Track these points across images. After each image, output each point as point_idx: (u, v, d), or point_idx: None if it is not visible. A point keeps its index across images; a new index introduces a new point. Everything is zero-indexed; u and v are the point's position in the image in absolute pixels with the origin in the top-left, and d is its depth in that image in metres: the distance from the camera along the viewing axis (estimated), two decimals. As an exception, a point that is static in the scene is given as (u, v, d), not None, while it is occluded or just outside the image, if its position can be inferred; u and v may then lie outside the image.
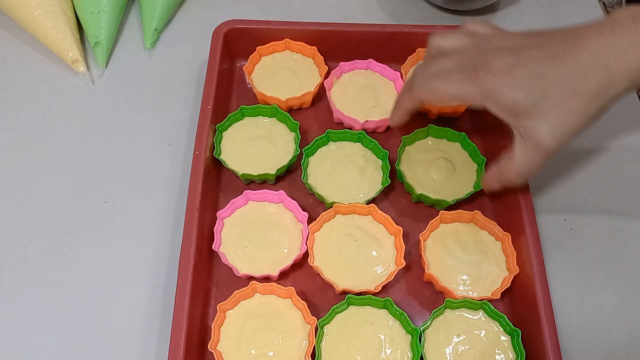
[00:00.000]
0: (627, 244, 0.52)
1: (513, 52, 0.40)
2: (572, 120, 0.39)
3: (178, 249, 0.47)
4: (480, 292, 0.47)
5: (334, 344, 0.45)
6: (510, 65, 0.39)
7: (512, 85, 0.39)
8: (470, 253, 0.49)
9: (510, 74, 0.39)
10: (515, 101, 0.39)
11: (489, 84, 0.40)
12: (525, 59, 0.39)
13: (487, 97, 0.40)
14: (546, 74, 0.38)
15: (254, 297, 0.47)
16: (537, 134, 0.40)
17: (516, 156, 0.42)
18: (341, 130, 0.54)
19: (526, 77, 0.39)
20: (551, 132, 0.39)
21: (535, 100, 0.39)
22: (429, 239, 0.50)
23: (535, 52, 0.39)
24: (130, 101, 0.60)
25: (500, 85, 0.39)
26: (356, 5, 0.67)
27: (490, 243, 0.50)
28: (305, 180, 0.51)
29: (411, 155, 0.54)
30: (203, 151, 0.50)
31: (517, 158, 0.42)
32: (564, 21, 0.66)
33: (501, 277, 0.48)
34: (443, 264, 0.48)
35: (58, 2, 0.60)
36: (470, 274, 0.48)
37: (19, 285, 0.49)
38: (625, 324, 0.48)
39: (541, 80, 0.38)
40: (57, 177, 0.55)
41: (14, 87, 0.60)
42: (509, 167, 0.43)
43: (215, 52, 0.56)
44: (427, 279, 0.49)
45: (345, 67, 0.58)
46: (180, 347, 0.42)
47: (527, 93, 0.39)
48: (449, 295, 0.47)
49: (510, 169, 0.43)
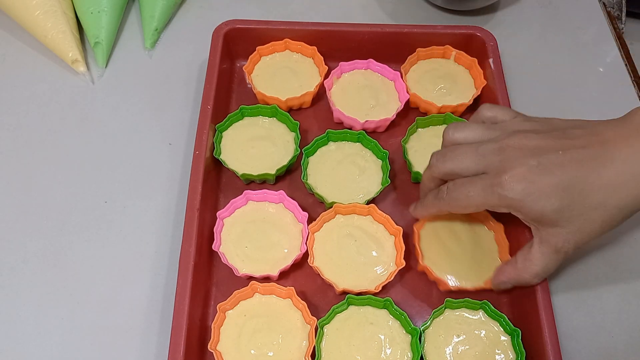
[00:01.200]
0: (627, 244, 0.52)
1: (536, 154, 0.39)
2: (594, 230, 0.39)
3: (178, 249, 0.47)
4: (473, 283, 0.47)
5: (334, 344, 0.45)
6: (534, 170, 0.38)
7: (539, 195, 0.38)
8: (463, 243, 0.49)
9: (535, 182, 0.38)
10: (542, 212, 0.38)
11: (515, 193, 0.38)
12: (551, 164, 0.38)
13: (513, 207, 0.39)
14: (573, 186, 0.37)
15: (254, 297, 0.47)
16: (559, 240, 0.40)
17: (535, 259, 0.42)
18: (341, 130, 0.54)
19: (553, 187, 0.38)
20: (572, 240, 0.39)
21: (561, 210, 0.38)
22: (422, 229, 0.50)
23: (560, 157, 0.38)
24: (130, 101, 0.60)
25: (526, 196, 0.38)
26: (356, 5, 0.67)
27: (483, 233, 0.50)
28: (305, 180, 0.51)
29: (422, 137, 0.54)
30: (203, 151, 0.50)
31: (535, 261, 0.42)
32: (564, 21, 0.67)
33: (494, 266, 0.48)
34: (437, 255, 0.49)
35: (58, 2, 0.60)
36: (464, 264, 0.48)
37: (19, 285, 0.49)
38: (625, 324, 0.48)
39: (568, 192, 0.37)
40: (57, 177, 0.55)
41: (14, 87, 0.60)
42: (526, 269, 0.43)
43: (215, 52, 0.56)
44: (421, 269, 0.49)
45: (345, 67, 0.58)
46: (180, 347, 0.42)
47: (554, 204, 0.38)
48: (442, 285, 0.47)
49: (528, 271, 0.43)
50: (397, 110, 0.55)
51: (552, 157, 0.38)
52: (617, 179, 0.37)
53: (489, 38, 0.58)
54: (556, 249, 0.40)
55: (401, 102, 0.56)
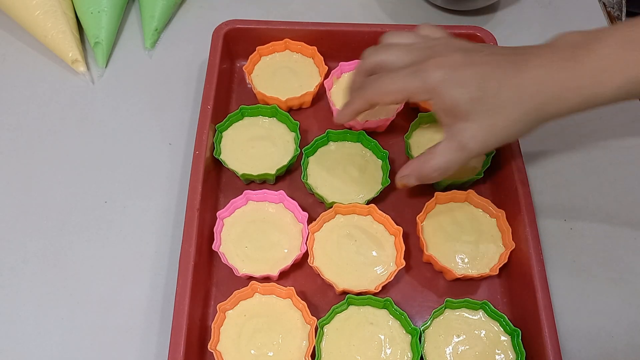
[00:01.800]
0: (627, 244, 0.52)
1: (464, 52, 0.41)
2: (501, 131, 0.41)
3: (178, 249, 0.47)
4: (478, 269, 0.48)
5: (334, 344, 0.45)
6: (459, 62, 0.40)
7: (456, 82, 0.40)
8: (466, 231, 0.50)
9: (457, 70, 0.40)
10: (456, 101, 0.40)
11: (435, 77, 0.40)
12: (474, 60, 0.41)
13: (431, 92, 0.41)
14: (488, 81, 0.40)
15: (253, 297, 0.47)
16: (465, 135, 0.41)
17: (439, 153, 0.43)
18: (341, 130, 0.54)
19: (470, 77, 0.40)
20: (477, 137, 0.41)
21: (472, 103, 0.40)
22: (425, 220, 0.50)
23: (483, 56, 0.41)
24: (130, 101, 0.60)
25: (446, 81, 0.40)
26: (356, 5, 0.67)
27: (485, 220, 0.50)
28: (305, 180, 0.51)
29: (424, 133, 0.55)
30: (203, 151, 0.50)
31: (439, 155, 0.43)
32: (564, 21, 0.67)
33: (498, 253, 0.49)
34: (441, 244, 0.49)
35: (58, 2, 0.60)
36: (467, 252, 0.49)
37: (19, 285, 0.49)
38: (625, 324, 0.48)
39: (484, 83, 0.40)
40: (57, 177, 0.55)
41: (14, 87, 0.60)
42: (428, 162, 0.44)
43: (215, 52, 0.56)
44: (426, 259, 0.49)
45: (345, 67, 0.58)
46: (180, 347, 0.42)
47: (468, 94, 0.40)
48: (448, 275, 0.48)
49: (430, 163, 0.44)
50: (397, 110, 0.55)
51: (476, 55, 0.41)
52: (527, 83, 0.39)
53: (489, 38, 0.58)
54: (461, 146, 0.42)
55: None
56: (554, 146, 0.57)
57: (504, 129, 0.41)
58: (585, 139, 0.58)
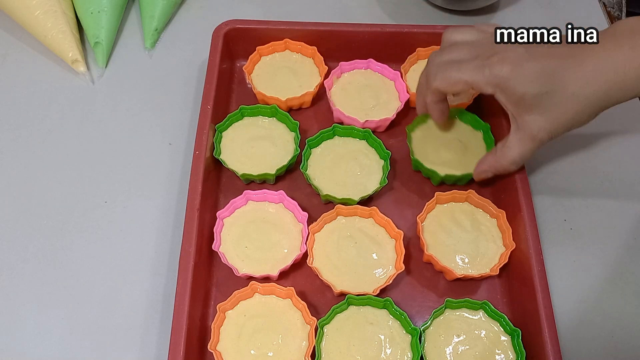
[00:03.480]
0: (627, 244, 0.52)
1: (525, 46, 0.43)
2: (567, 121, 0.43)
3: (178, 249, 0.47)
4: (478, 269, 0.48)
5: (334, 344, 0.45)
6: (523, 57, 0.42)
7: (524, 77, 0.41)
8: (466, 231, 0.50)
9: (522, 65, 0.41)
10: (524, 94, 0.42)
11: (502, 72, 0.42)
12: (537, 53, 0.42)
13: (498, 86, 0.43)
14: (554, 75, 0.41)
15: (253, 297, 0.47)
16: (534, 127, 0.44)
17: (512, 145, 0.46)
18: (348, 126, 0.54)
19: (537, 73, 0.41)
20: (546, 128, 0.43)
21: (540, 96, 0.42)
22: (425, 220, 0.50)
23: (547, 50, 0.42)
24: (130, 101, 0.60)
25: (513, 76, 0.42)
26: (356, 5, 0.67)
27: (485, 220, 0.51)
28: (304, 171, 0.51)
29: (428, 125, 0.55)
30: (203, 151, 0.50)
31: (513, 147, 0.46)
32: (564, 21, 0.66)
33: (498, 253, 0.49)
34: (441, 244, 0.49)
35: (58, 2, 0.60)
36: (468, 252, 0.49)
37: (19, 285, 0.49)
38: (626, 324, 0.48)
39: (549, 78, 0.41)
40: (57, 177, 0.55)
41: (14, 87, 0.60)
42: (504, 156, 0.47)
43: (215, 52, 0.56)
44: (426, 259, 0.49)
45: (345, 67, 0.58)
46: (180, 347, 0.42)
47: (536, 89, 0.41)
48: (448, 275, 0.48)
49: (506, 157, 0.47)
50: (397, 110, 0.55)
51: (540, 48, 0.43)
52: (590, 74, 0.40)
53: (489, 38, 0.58)
54: (532, 136, 0.44)
55: (401, 101, 0.56)
56: (553, 146, 0.57)
57: (571, 120, 0.42)
58: (585, 139, 0.58)
